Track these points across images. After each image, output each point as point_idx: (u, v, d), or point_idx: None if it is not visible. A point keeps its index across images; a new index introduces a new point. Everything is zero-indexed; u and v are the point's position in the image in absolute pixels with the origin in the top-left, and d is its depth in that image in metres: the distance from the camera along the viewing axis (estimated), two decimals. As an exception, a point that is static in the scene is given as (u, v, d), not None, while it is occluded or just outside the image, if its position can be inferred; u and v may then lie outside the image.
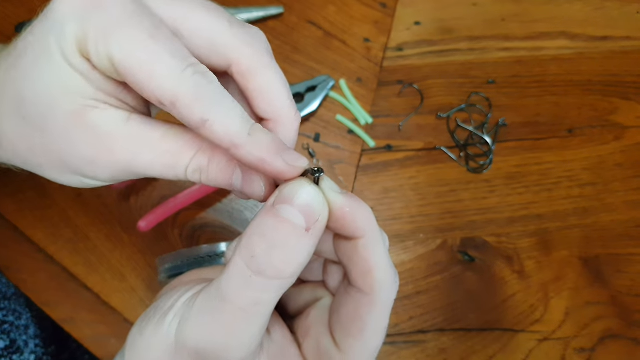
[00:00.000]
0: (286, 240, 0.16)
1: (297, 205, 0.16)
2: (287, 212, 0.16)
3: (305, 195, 0.17)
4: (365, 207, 0.18)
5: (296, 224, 0.16)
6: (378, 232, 0.18)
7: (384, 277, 0.18)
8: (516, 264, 0.43)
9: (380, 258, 0.18)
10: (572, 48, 0.53)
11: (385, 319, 0.19)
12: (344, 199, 0.18)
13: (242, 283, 0.16)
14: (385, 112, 0.48)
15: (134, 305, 0.39)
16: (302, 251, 0.16)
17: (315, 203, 0.17)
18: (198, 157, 0.19)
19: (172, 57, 0.17)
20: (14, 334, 0.37)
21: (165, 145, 0.19)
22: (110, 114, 0.19)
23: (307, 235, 0.16)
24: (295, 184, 0.17)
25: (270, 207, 0.17)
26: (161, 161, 0.19)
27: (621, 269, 0.44)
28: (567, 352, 0.41)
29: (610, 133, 0.49)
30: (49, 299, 0.38)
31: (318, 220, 0.17)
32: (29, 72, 0.18)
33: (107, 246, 0.40)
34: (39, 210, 0.41)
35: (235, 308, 0.16)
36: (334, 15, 0.52)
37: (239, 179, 0.19)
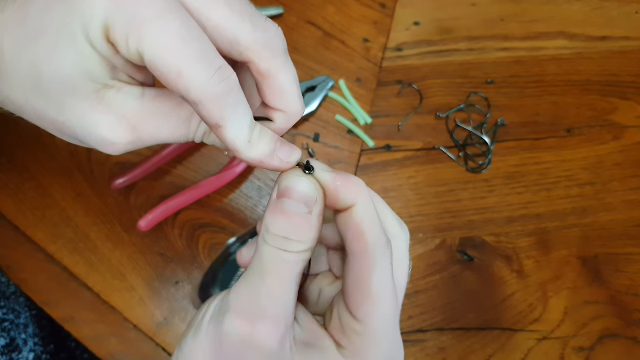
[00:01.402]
0: (298, 225, 0.19)
1: (296, 197, 0.19)
2: (290, 205, 0.19)
3: (301, 188, 0.20)
4: (354, 178, 0.20)
5: (300, 212, 0.19)
6: (368, 198, 0.20)
7: (377, 237, 0.20)
8: (515, 264, 0.43)
9: (372, 222, 0.20)
10: (571, 48, 0.53)
11: (388, 279, 0.20)
12: (334, 175, 0.20)
13: (275, 257, 0.19)
14: (384, 112, 0.48)
15: (134, 305, 0.39)
16: (312, 227, 0.20)
17: (311, 191, 0.20)
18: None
19: (200, 62, 0.17)
20: (14, 333, 0.37)
21: (180, 113, 0.20)
22: (126, 91, 0.20)
23: (312, 216, 0.19)
24: (291, 179, 0.20)
25: (276, 202, 0.20)
26: (178, 129, 0.21)
27: (620, 268, 0.44)
28: (566, 352, 0.41)
29: (609, 133, 0.49)
30: (50, 299, 0.38)
31: (316, 201, 0.20)
32: (51, 51, 0.18)
33: (108, 246, 0.40)
34: (39, 210, 0.41)
35: (275, 276, 0.19)
36: (333, 15, 0.52)
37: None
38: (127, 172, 0.41)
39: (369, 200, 0.20)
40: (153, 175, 0.43)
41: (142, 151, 0.43)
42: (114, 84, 0.20)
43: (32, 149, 0.43)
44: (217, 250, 0.41)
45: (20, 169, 0.42)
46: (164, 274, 0.40)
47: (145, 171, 0.41)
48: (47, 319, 0.43)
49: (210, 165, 0.44)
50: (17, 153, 0.42)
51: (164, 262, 0.40)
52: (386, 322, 0.20)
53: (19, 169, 0.42)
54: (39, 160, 0.42)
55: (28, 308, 0.40)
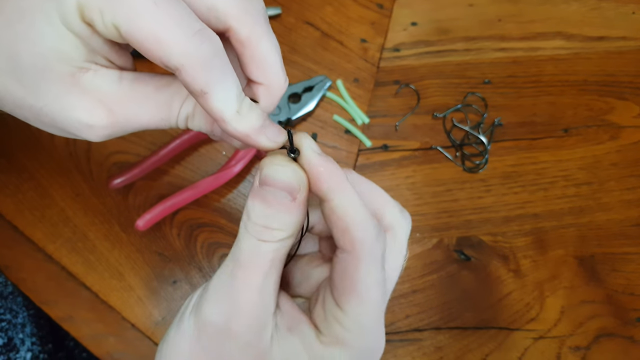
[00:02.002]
0: (278, 212, 0.19)
1: (279, 185, 0.19)
2: (271, 193, 0.19)
3: (283, 176, 0.19)
4: (335, 168, 0.19)
5: (282, 199, 0.19)
6: (348, 190, 0.19)
7: (363, 233, 0.19)
8: (512, 263, 0.43)
9: (356, 216, 0.19)
10: (568, 48, 0.53)
11: (375, 273, 0.19)
12: (319, 159, 0.19)
13: (253, 248, 0.19)
14: (381, 112, 0.48)
15: (132, 304, 0.39)
16: (295, 214, 0.19)
17: (294, 178, 0.19)
18: (186, 104, 0.20)
19: (178, 25, 0.17)
20: (11, 332, 0.37)
21: (159, 97, 0.20)
22: (103, 74, 0.19)
23: (295, 203, 0.19)
24: (273, 167, 0.19)
25: (257, 189, 0.19)
26: (157, 113, 0.20)
27: (616, 267, 0.44)
28: (563, 351, 0.41)
29: (606, 133, 0.50)
30: (48, 298, 0.39)
31: (300, 189, 0.19)
32: (27, 33, 0.18)
33: (106, 245, 0.40)
34: (38, 210, 0.41)
35: (252, 268, 0.19)
36: (331, 16, 0.52)
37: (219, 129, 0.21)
38: (125, 171, 0.41)
39: (349, 192, 0.19)
40: (151, 175, 0.43)
41: (140, 151, 0.44)
42: (89, 66, 0.19)
43: (31, 149, 0.43)
44: (215, 249, 0.41)
45: (19, 169, 0.42)
46: (162, 274, 0.40)
47: (143, 171, 0.41)
48: (45, 318, 0.43)
49: (208, 165, 0.44)
50: (16, 153, 0.43)
51: (161, 262, 0.40)
52: (370, 316, 0.20)
53: (17, 169, 0.42)
54: (38, 161, 0.43)
55: (26, 307, 0.41)
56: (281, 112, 0.45)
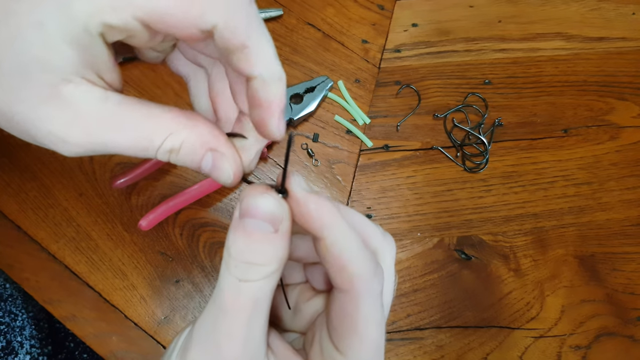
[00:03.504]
0: (260, 245, 0.17)
1: (259, 216, 0.17)
2: (252, 224, 0.18)
3: (264, 205, 0.18)
4: (328, 205, 0.18)
5: (263, 231, 0.17)
6: (343, 227, 0.18)
7: (361, 270, 0.18)
8: (512, 262, 0.44)
9: (352, 253, 0.18)
10: (568, 49, 0.53)
11: (375, 313, 0.18)
12: (307, 197, 0.18)
13: (235, 290, 0.17)
14: (383, 113, 0.49)
15: (134, 303, 0.39)
16: (278, 247, 0.18)
17: (276, 208, 0.18)
18: (171, 138, 0.19)
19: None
20: (10, 335, 0.37)
21: (143, 126, 0.19)
22: (88, 90, 0.18)
23: (277, 235, 0.18)
24: (253, 197, 0.18)
25: (238, 221, 0.18)
26: (138, 143, 0.19)
27: (617, 267, 0.45)
28: (563, 350, 0.41)
29: (606, 133, 0.50)
30: (51, 297, 0.39)
31: (282, 221, 0.18)
32: (10, 40, 0.17)
33: (109, 245, 0.41)
34: (41, 210, 0.41)
35: (236, 313, 0.17)
36: (332, 17, 0.52)
37: (209, 164, 0.20)
38: (128, 172, 0.41)
39: (344, 227, 0.18)
40: (154, 175, 0.43)
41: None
42: (75, 79, 0.18)
43: (34, 149, 0.43)
44: (217, 249, 0.42)
45: (22, 169, 0.42)
46: (165, 273, 0.40)
47: (146, 171, 0.42)
48: (45, 320, 0.43)
49: (210, 165, 0.44)
50: (19, 153, 0.43)
51: (164, 261, 0.41)
52: (371, 356, 0.19)
53: (20, 169, 0.42)
54: (41, 161, 0.43)
55: (25, 310, 0.41)
56: (283, 112, 0.45)
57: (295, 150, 0.46)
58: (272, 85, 0.19)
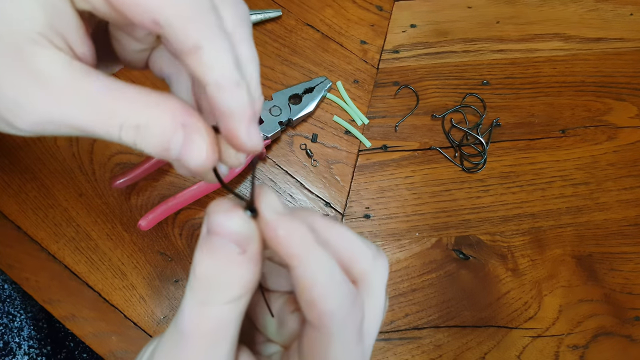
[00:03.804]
0: (226, 267, 0.16)
1: (226, 235, 0.16)
2: (218, 243, 0.16)
3: (229, 225, 0.16)
4: (301, 230, 0.16)
5: (230, 251, 0.16)
6: (317, 257, 0.16)
7: (334, 306, 0.16)
8: (510, 262, 0.44)
9: (325, 287, 0.16)
10: (566, 49, 0.54)
11: (347, 354, 0.17)
12: (276, 220, 0.16)
13: (197, 314, 0.16)
14: (381, 113, 0.49)
15: (134, 303, 0.39)
16: (245, 272, 0.16)
17: (242, 230, 0.16)
18: (139, 113, 0.17)
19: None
20: (7, 337, 0.37)
21: (107, 98, 0.17)
22: (51, 52, 0.17)
23: (244, 257, 0.16)
24: (220, 211, 0.16)
25: (204, 238, 0.16)
26: (99, 117, 0.17)
27: (614, 267, 0.45)
28: (561, 349, 0.42)
29: (604, 133, 0.50)
30: (51, 297, 0.39)
31: (250, 243, 0.16)
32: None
33: (108, 245, 0.41)
34: (41, 210, 0.41)
35: (196, 339, 0.16)
36: (331, 17, 0.53)
37: (179, 141, 0.17)
38: (128, 172, 0.41)
39: (316, 257, 0.16)
40: (153, 175, 0.43)
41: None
42: (39, 39, 0.16)
43: (34, 149, 0.43)
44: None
45: (22, 170, 0.43)
46: (164, 273, 0.41)
47: (146, 171, 0.42)
48: (45, 320, 0.43)
49: (209, 165, 0.44)
50: (19, 154, 0.43)
51: (163, 261, 0.41)
52: None
53: (21, 170, 0.43)
54: (41, 161, 0.43)
55: (24, 310, 0.41)
56: (282, 113, 0.45)
57: (294, 150, 0.46)
58: (228, 92, 0.17)
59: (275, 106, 0.45)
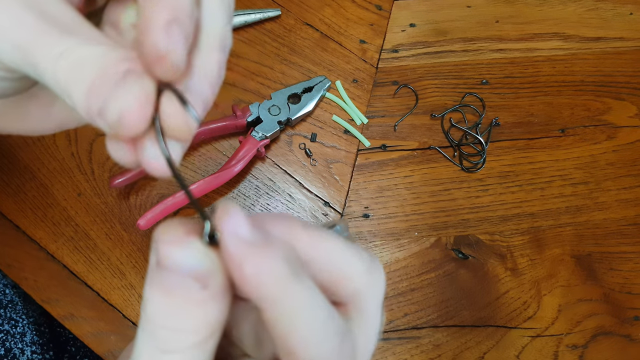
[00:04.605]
0: (184, 308, 0.13)
1: (179, 271, 0.13)
2: (173, 281, 0.13)
3: (184, 259, 0.13)
4: (275, 266, 0.13)
5: (187, 288, 0.13)
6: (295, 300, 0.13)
7: (317, 355, 0.13)
8: (509, 262, 0.44)
9: (306, 332, 0.13)
10: (566, 49, 0.54)
11: None
12: (242, 254, 0.13)
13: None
14: (380, 113, 0.49)
15: (133, 303, 0.39)
16: (208, 311, 0.13)
17: (199, 264, 0.13)
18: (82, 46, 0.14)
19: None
20: (9, 343, 0.37)
21: (33, 21, 0.14)
22: None
23: (206, 294, 0.13)
24: (171, 243, 0.13)
25: (155, 271, 0.13)
26: (41, 35, 0.14)
27: (614, 266, 0.45)
28: (560, 349, 0.42)
29: (603, 132, 0.50)
30: (50, 297, 0.39)
31: (212, 276, 0.13)
32: None
33: (107, 244, 0.41)
34: (40, 210, 0.41)
35: None
36: (330, 17, 0.53)
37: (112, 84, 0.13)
38: (127, 171, 0.41)
39: (293, 298, 0.13)
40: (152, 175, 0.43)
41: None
42: None
43: (33, 149, 0.43)
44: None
45: (21, 169, 0.43)
46: (163, 272, 0.41)
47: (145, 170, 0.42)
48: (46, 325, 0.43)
49: (208, 164, 0.45)
50: (18, 153, 0.43)
51: (162, 261, 0.41)
52: None
53: (19, 169, 0.43)
54: (40, 161, 0.43)
55: (26, 315, 0.41)
56: (281, 112, 0.45)
57: (293, 150, 0.46)
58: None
59: (274, 105, 0.45)
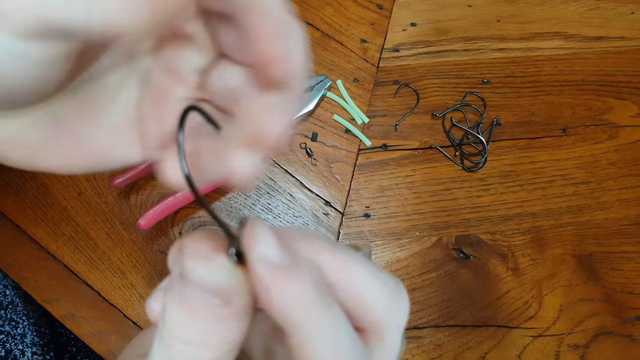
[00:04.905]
0: (204, 324, 0.13)
1: (204, 287, 0.13)
2: (195, 297, 0.13)
3: (210, 276, 0.13)
4: (305, 290, 0.13)
5: (209, 304, 0.13)
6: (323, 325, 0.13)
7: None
8: (510, 261, 0.44)
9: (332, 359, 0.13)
10: (567, 48, 0.54)
11: None
12: (271, 277, 0.13)
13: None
14: (381, 112, 0.49)
15: (133, 302, 0.39)
16: (228, 329, 0.13)
17: (224, 282, 0.13)
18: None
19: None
20: (10, 344, 0.37)
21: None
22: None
23: (228, 312, 0.13)
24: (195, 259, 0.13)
25: (178, 283, 0.13)
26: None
27: (615, 266, 0.45)
28: (561, 349, 0.41)
29: (604, 132, 0.50)
30: (50, 296, 0.39)
31: (236, 295, 0.13)
32: None
33: (108, 244, 0.41)
34: (40, 209, 0.41)
35: None
36: (331, 16, 0.52)
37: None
38: (127, 170, 0.41)
39: (321, 324, 0.13)
40: (152, 174, 0.43)
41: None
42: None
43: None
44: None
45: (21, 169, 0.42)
46: (164, 272, 0.40)
47: (145, 170, 0.42)
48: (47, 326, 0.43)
49: (209, 164, 0.44)
50: (19, 152, 0.43)
51: (163, 260, 0.41)
52: None
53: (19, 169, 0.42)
54: (40, 160, 0.43)
55: (26, 316, 0.41)
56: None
57: (294, 149, 0.46)
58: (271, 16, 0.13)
59: (275, 105, 0.45)
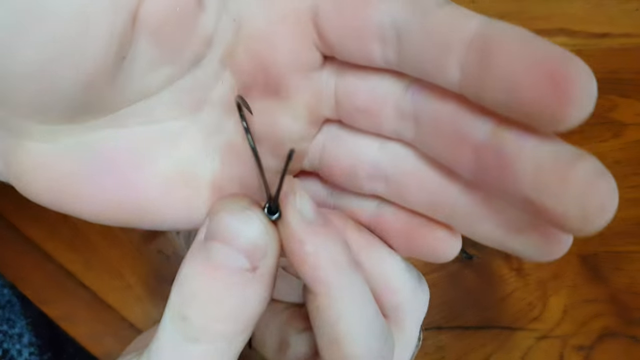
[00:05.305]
0: (226, 291, 0.12)
1: (236, 245, 0.12)
2: (223, 255, 0.12)
3: (247, 231, 0.12)
4: (335, 250, 0.12)
5: (236, 267, 0.12)
6: (350, 290, 0.13)
7: (361, 351, 0.13)
8: (514, 262, 0.43)
9: (354, 325, 0.12)
10: (571, 45, 0.53)
11: None
12: (306, 232, 0.12)
13: (178, 352, 0.12)
14: (383, 110, 0.48)
15: (131, 303, 0.39)
16: (250, 300, 0.12)
17: (259, 239, 0.12)
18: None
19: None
20: (7, 344, 0.37)
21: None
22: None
23: (254, 278, 0.12)
24: (231, 212, 0.12)
25: (201, 245, 0.12)
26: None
27: (620, 266, 0.44)
28: (566, 350, 0.41)
29: (609, 130, 0.49)
30: (46, 297, 0.38)
31: (265, 258, 0.12)
32: None
33: (104, 244, 0.40)
34: (36, 209, 0.41)
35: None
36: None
37: None
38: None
39: (351, 292, 0.13)
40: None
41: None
42: None
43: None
44: (214, 248, 0.41)
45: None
46: (161, 272, 0.40)
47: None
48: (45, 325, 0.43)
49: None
50: (14, 151, 0.42)
51: (161, 260, 0.40)
52: None
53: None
54: (36, 158, 0.42)
55: (24, 315, 0.40)
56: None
57: (294, 147, 0.45)
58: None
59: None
